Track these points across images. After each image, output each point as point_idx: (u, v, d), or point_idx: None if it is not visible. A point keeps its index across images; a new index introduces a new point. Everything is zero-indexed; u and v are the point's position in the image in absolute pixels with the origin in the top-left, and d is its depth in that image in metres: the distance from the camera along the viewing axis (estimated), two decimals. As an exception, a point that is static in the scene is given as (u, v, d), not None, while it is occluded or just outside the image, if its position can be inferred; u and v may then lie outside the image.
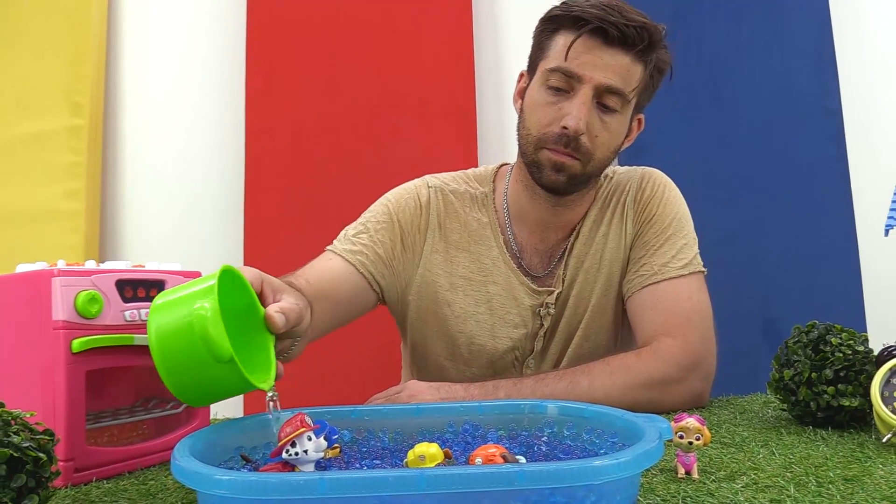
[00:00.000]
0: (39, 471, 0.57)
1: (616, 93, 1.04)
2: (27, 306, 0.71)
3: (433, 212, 1.18)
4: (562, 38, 1.05)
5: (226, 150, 1.92)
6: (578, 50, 1.03)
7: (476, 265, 1.16)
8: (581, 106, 1.03)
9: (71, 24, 1.91)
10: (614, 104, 1.05)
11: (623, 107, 1.06)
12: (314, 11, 1.94)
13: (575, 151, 1.04)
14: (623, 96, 1.04)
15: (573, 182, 1.08)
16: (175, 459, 0.46)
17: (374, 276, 1.13)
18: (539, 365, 1.16)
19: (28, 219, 1.85)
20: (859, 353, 0.82)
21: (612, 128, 1.07)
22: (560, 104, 1.05)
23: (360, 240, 1.14)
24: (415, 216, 1.17)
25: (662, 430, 0.52)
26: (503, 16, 2.00)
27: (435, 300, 1.16)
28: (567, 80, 1.04)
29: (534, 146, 1.08)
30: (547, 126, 1.06)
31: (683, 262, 1.10)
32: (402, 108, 1.93)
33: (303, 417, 0.52)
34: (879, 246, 0.99)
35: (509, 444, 0.60)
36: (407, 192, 1.20)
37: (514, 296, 1.15)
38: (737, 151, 1.94)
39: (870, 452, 0.71)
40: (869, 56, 2.07)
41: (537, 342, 1.16)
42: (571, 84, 1.04)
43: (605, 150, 1.08)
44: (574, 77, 1.03)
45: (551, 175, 1.07)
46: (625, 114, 1.08)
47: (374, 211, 1.18)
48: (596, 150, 1.06)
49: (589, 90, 1.03)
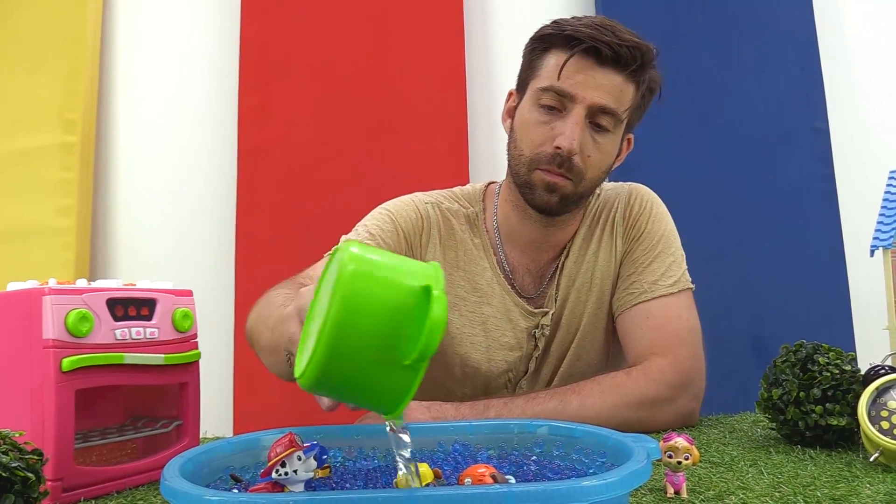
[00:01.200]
0: (28, 490, 0.57)
1: (609, 113, 1.03)
2: (17, 325, 0.71)
3: (434, 226, 1.16)
4: (553, 57, 1.05)
5: (218, 167, 1.92)
6: (571, 69, 1.03)
7: (471, 285, 1.15)
8: (574, 126, 1.02)
9: (65, 41, 1.92)
10: (607, 124, 1.05)
11: (615, 127, 1.06)
12: (307, 30, 1.95)
13: (568, 172, 1.04)
14: (616, 116, 1.04)
15: (565, 203, 1.07)
16: (164, 480, 0.46)
17: None
18: (532, 385, 1.16)
19: (19, 235, 1.85)
20: (846, 373, 0.83)
21: (605, 148, 1.07)
22: (553, 123, 1.04)
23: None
24: (416, 228, 1.15)
25: (651, 449, 0.52)
26: (494, 34, 2.02)
27: None
28: (560, 99, 1.04)
29: (527, 167, 1.07)
30: (540, 146, 1.05)
31: (673, 280, 1.10)
32: (394, 125, 1.94)
33: (293, 437, 0.52)
34: (867, 265, 1.00)
35: (499, 463, 0.60)
36: (406, 204, 1.17)
37: (510, 318, 1.14)
38: (726, 170, 1.96)
39: (857, 471, 0.71)
40: (856, 76, 2.10)
41: (531, 363, 1.15)
42: (564, 103, 1.04)
43: (597, 171, 1.07)
44: (567, 96, 1.03)
45: (544, 196, 1.06)
46: (617, 134, 1.08)
47: (376, 218, 1.15)
48: (588, 170, 1.06)
49: (582, 110, 1.03)
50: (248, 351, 1.77)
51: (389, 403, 0.46)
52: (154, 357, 0.76)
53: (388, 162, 1.91)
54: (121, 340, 0.74)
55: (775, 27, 2.03)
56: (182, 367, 0.80)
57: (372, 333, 0.44)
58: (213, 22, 1.98)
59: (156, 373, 0.77)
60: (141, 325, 0.76)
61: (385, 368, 0.45)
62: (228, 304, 1.84)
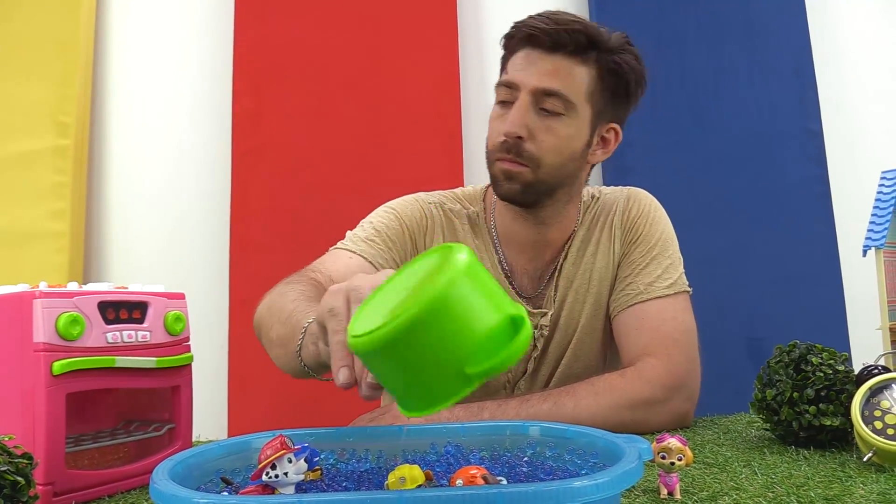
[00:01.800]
0: (17, 495, 0.56)
1: (554, 94, 1.05)
2: (8, 328, 0.70)
3: (437, 225, 1.17)
4: (509, 56, 1.11)
5: (212, 171, 1.92)
6: (517, 62, 1.08)
7: None
8: (516, 111, 1.06)
9: (58, 44, 1.91)
10: (556, 107, 1.06)
11: (568, 110, 1.06)
12: (301, 33, 1.95)
13: (518, 157, 1.06)
14: (563, 98, 1.05)
15: (529, 190, 1.08)
16: (153, 482, 0.46)
17: None
18: (530, 386, 1.16)
19: (13, 239, 1.84)
20: (840, 373, 0.83)
21: (560, 132, 1.07)
22: (505, 115, 1.08)
23: (376, 243, 1.11)
24: (421, 226, 1.16)
25: (642, 450, 0.52)
26: (488, 37, 2.02)
27: None
28: (510, 91, 1.08)
29: (489, 160, 1.11)
30: (496, 138, 1.09)
31: (669, 282, 1.10)
32: (388, 128, 1.94)
33: (283, 439, 0.52)
34: (861, 265, 1.00)
35: (491, 465, 0.60)
36: (410, 204, 1.18)
37: None
38: (720, 173, 1.97)
39: (851, 472, 0.71)
40: (849, 78, 2.11)
41: (530, 364, 1.15)
42: (514, 94, 1.07)
43: (556, 156, 1.08)
44: (513, 86, 1.07)
45: (504, 185, 1.09)
46: (573, 117, 1.07)
47: (381, 216, 1.16)
48: (544, 155, 1.07)
49: (525, 95, 1.06)
50: (243, 354, 1.79)
51: (427, 401, 0.47)
52: (146, 360, 0.76)
53: (382, 165, 1.91)
54: (112, 344, 0.73)
55: (768, 29, 2.04)
56: (174, 371, 0.80)
57: (454, 330, 0.45)
58: (206, 25, 1.98)
59: (148, 376, 0.77)
60: (133, 329, 0.76)
61: (445, 368, 0.45)
62: (223, 308, 1.83)
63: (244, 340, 1.79)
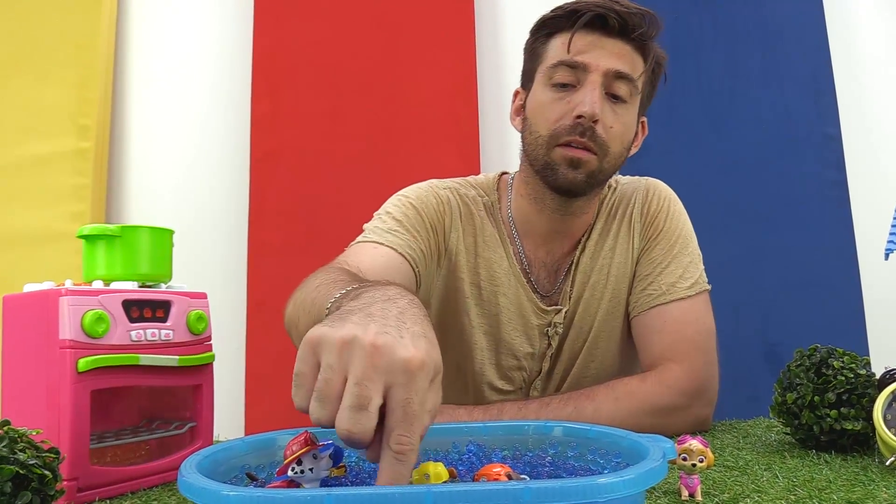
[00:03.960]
0: (44, 488, 0.57)
1: (625, 78, 1.02)
2: (34, 325, 0.71)
3: (454, 211, 1.12)
4: (559, 38, 1.04)
5: (231, 172, 1.93)
6: (579, 43, 1.02)
7: (488, 273, 1.12)
8: (593, 91, 1.00)
9: (79, 48, 1.93)
10: (624, 93, 1.03)
11: (632, 97, 1.04)
12: (319, 36, 1.96)
13: (591, 142, 1.01)
14: (632, 82, 1.02)
15: (591, 180, 1.04)
16: (182, 476, 0.46)
17: (421, 271, 1.05)
18: (545, 386, 1.15)
19: (32, 240, 1.86)
20: (861, 377, 0.82)
21: (625, 119, 1.04)
22: (568, 98, 1.02)
23: (399, 234, 1.05)
24: (439, 213, 1.11)
25: (667, 449, 0.52)
26: (505, 41, 2.03)
27: (456, 307, 1.12)
28: (573, 72, 1.02)
29: (545, 147, 1.04)
30: (558, 121, 1.02)
31: (690, 282, 1.09)
32: (405, 130, 1.94)
33: (309, 435, 0.52)
34: (880, 270, 1.00)
35: (513, 464, 0.60)
36: (425, 191, 1.13)
37: (522, 313, 1.12)
38: (738, 177, 1.96)
39: (873, 476, 0.71)
40: (868, 82, 2.09)
41: (545, 362, 1.14)
42: (578, 76, 1.02)
43: (619, 145, 1.04)
44: (580, 67, 1.01)
45: (568, 174, 1.02)
46: (634, 105, 1.05)
47: (398, 206, 1.10)
48: (612, 143, 1.03)
49: (598, 77, 1.01)
50: (260, 354, 1.80)
51: None
52: (168, 359, 0.77)
53: (399, 168, 1.91)
54: (136, 342, 0.74)
55: (786, 33, 2.03)
56: (196, 369, 0.81)
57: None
58: (225, 29, 2.00)
59: (170, 374, 0.78)
60: (156, 327, 0.76)
61: None
62: (240, 308, 1.84)
63: (261, 341, 1.81)
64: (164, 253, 0.81)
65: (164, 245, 0.82)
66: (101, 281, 0.76)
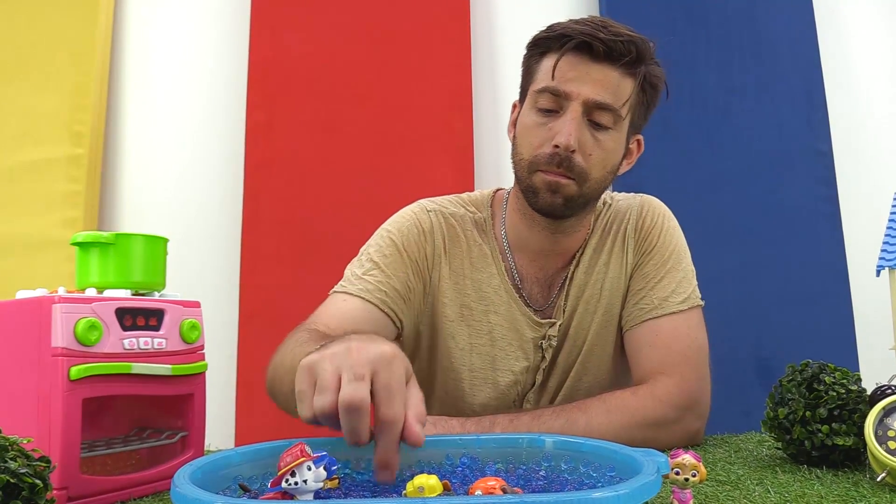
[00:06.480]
0: (35, 497, 0.57)
1: (606, 108, 1.02)
2: (27, 332, 0.71)
3: (437, 237, 1.14)
4: (548, 59, 1.05)
5: (225, 181, 1.93)
6: (564, 68, 1.02)
7: (477, 293, 1.14)
8: (570, 122, 1.01)
9: (74, 54, 1.93)
10: (606, 121, 1.03)
11: (616, 123, 1.04)
12: (314, 47, 1.97)
13: (568, 171, 1.02)
14: (614, 112, 1.03)
15: (570, 204, 1.06)
16: (175, 486, 0.46)
17: (396, 312, 1.09)
18: (538, 399, 1.15)
19: (26, 246, 1.85)
20: (853, 392, 0.83)
21: (607, 146, 1.05)
22: (550, 124, 1.03)
23: (374, 276, 1.09)
24: (419, 244, 1.13)
25: (660, 463, 0.52)
26: (501, 50, 2.04)
27: (441, 332, 1.13)
28: (556, 99, 1.03)
29: (527, 170, 1.06)
30: (538, 147, 1.04)
31: (683, 297, 1.10)
32: (400, 141, 1.95)
33: (303, 447, 0.52)
34: (871, 286, 1.00)
35: (507, 477, 0.60)
36: (407, 220, 1.15)
37: (516, 327, 1.13)
38: (729, 193, 1.97)
39: (864, 491, 0.71)
40: (859, 99, 2.12)
41: (538, 375, 1.14)
42: (560, 103, 1.03)
43: (601, 170, 1.06)
44: (562, 95, 1.02)
45: (547, 197, 1.04)
46: (619, 131, 1.06)
47: (378, 244, 1.13)
48: (591, 170, 1.04)
49: (578, 106, 1.01)
50: (252, 365, 1.80)
51: None
52: (161, 367, 0.76)
53: (394, 179, 1.92)
54: (129, 350, 0.74)
55: (778, 50, 2.05)
56: (189, 378, 0.80)
57: None
58: (222, 38, 2.00)
59: (163, 383, 0.77)
60: (149, 335, 0.76)
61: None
62: (233, 318, 1.84)
63: (253, 350, 1.80)
64: (157, 261, 0.81)
65: (158, 253, 0.81)
66: (94, 288, 0.76)
